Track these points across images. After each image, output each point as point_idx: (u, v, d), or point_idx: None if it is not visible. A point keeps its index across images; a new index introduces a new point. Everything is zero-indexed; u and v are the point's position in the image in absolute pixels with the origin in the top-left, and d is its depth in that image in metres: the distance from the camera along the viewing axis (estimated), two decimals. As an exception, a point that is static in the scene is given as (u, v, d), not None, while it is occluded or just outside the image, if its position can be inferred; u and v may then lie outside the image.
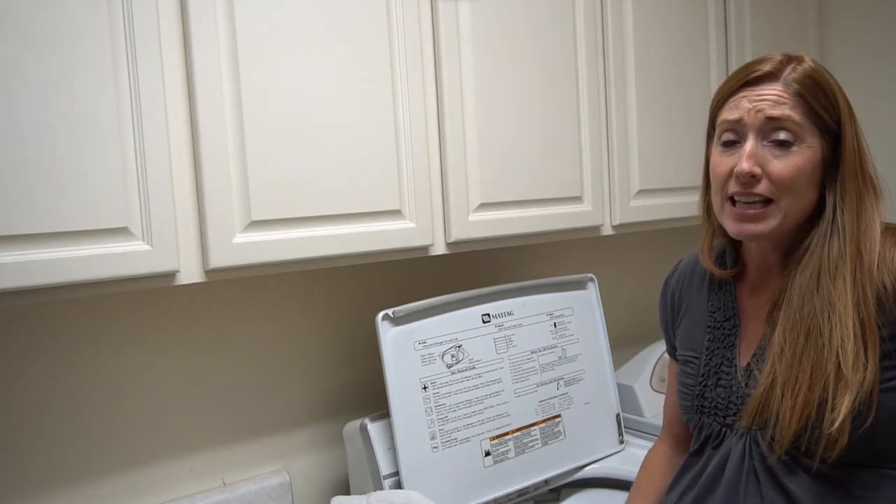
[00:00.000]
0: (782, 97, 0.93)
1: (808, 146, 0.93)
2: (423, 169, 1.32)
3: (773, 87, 0.94)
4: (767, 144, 0.93)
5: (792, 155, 0.93)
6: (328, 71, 1.21)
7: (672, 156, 1.72)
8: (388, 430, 1.38)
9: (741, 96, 0.95)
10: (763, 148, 0.93)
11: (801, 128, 0.92)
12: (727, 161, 0.96)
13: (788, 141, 0.93)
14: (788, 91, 0.93)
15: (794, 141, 0.93)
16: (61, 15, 0.97)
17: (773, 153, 0.93)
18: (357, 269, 1.56)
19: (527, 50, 1.46)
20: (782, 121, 0.92)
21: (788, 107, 0.92)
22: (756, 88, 0.94)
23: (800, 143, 0.93)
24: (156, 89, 1.05)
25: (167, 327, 1.37)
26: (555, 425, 1.58)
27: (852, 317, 0.89)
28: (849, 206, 0.93)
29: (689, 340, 1.10)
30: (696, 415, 1.05)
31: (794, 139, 0.93)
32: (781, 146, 0.93)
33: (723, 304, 1.06)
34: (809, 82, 0.94)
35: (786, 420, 0.89)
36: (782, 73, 0.94)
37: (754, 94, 0.94)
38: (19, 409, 1.23)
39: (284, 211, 1.17)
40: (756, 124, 0.93)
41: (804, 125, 0.93)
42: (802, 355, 0.90)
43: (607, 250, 2.01)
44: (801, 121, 0.92)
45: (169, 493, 1.37)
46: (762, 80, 0.95)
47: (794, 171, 0.92)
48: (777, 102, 0.93)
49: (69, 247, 0.98)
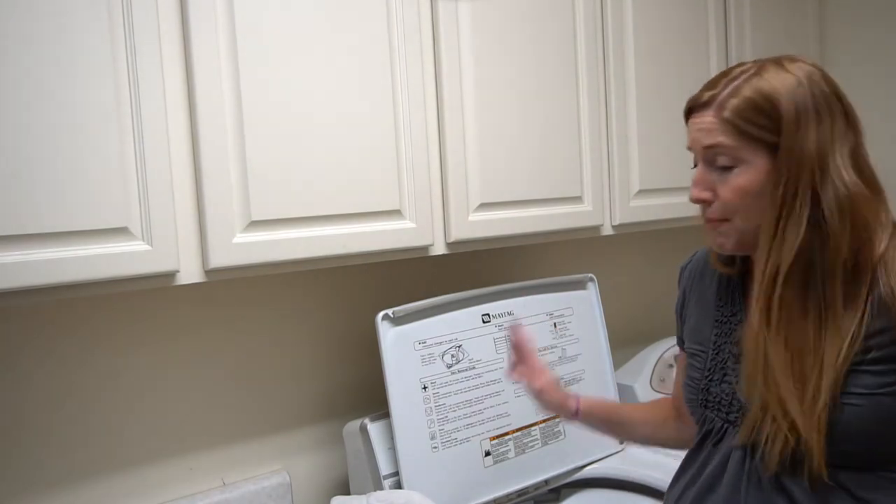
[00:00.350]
0: (713, 124, 0.95)
1: (751, 166, 0.94)
2: (422, 169, 1.32)
3: (706, 115, 0.96)
4: (714, 169, 0.97)
5: (734, 177, 0.95)
6: (328, 71, 1.21)
7: (672, 156, 1.72)
8: (388, 430, 1.38)
9: (690, 123, 0.99)
10: (712, 172, 0.97)
11: (736, 149, 0.94)
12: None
13: (727, 165, 0.95)
14: (718, 117, 0.95)
15: (732, 164, 0.95)
16: (61, 15, 0.97)
17: (718, 177, 0.96)
18: (357, 269, 1.55)
19: (527, 50, 1.46)
20: (715, 148, 0.95)
21: (718, 133, 0.94)
22: (696, 116, 0.97)
23: (740, 164, 0.94)
24: (156, 89, 1.05)
25: (167, 327, 1.37)
26: (555, 425, 1.58)
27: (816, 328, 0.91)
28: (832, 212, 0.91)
29: (697, 333, 1.10)
30: (700, 409, 1.05)
31: (733, 162, 0.95)
32: (722, 170, 0.95)
33: (731, 298, 1.06)
34: (742, 104, 0.93)
35: (774, 442, 0.91)
36: (718, 98, 0.95)
37: (695, 123, 0.98)
38: (18, 409, 1.23)
39: (284, 211, 1.17)
40: (700, 152, 0.98)
41: (740, 146, 0.94)
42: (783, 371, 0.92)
43: (607, 250, 2.01)
44: (735, 143, 0.94)
45: (169, 493, 1.37)
46: (699, 108, 0.97)
47: (739, 192, 0.95)
48: (709, 131, 0.95)
49: (69, 247, 0.98)
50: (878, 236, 0.92)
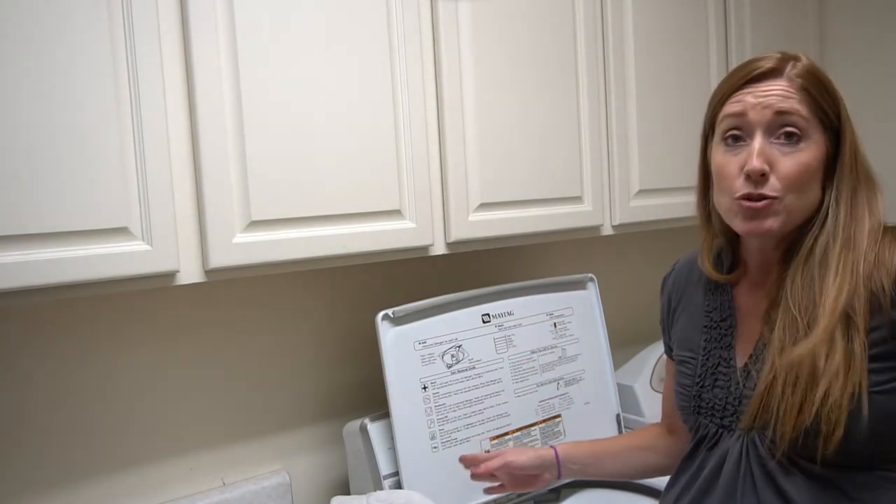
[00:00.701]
0: (788, 91, 0.93)
1: (814, 142, 0.93)
2: (423, 169, 1.32)
3: (778, 83, 0.94)
4: (775, 141, 0.93)
5: (800, 152, 0.93)
6: (328, 71, 1.21)
7: (672, 156, 1.72)
8: (388, 430, 1.38)
9: (745, 92, 0.95)
10: (770, 145, 0.93)
11: (807, 123, 0.93)
12: (734, 161, 0.95)
13: (797, 135, 0.92)
14: (794, 86, 0.93)
15: (801, 136, 0.93)
16: (61, 15, 0.97)
17: (781, 150, 0.93)
18: (357, 269, 1.56)
19: (526, 50, 1.46)
20: (791, 115, 0.92)
21: (796, 101, 0.92)
22: (760, 85, 0.94)
23: (807, 139, 0.93)
24: (156, 89, 1.05)
25: (167, 327, 1.37)
26: (555, 425, 1.58)
27: (839, 314, 0.89)
28: (843, 204, 0.94)
29: (686, 340, 1.10)
30: (693, 416, 1.05)
31: (802, 134, 0.93)
32: (789, 142, 0.92)
33: (719, 303, 1.06)
34: (812, 78, 0.94)
35: (786, 417, 0.89)
36: (785, 70, 0.94)
37: (759, 90, 0.94)
38: (18, 409, 1.23)
39: (284, 211, 1.17)
40: (763, 121, 0.93)
41: (810, 120, 0.93)
42: (803, 350, 0.90)
43: (607, 250, 2.01)
44: (808, 115, 0.93)
45: (169, 493, 1.37)
46: (765, 76, 0.94)
47: (802, 168, 0.92)
48: (784, 97, 0.93)
49: (69, 247, 0.98)
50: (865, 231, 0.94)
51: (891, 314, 0.89)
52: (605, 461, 1.23)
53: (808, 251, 0.94)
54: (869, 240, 0.92)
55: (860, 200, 0.95)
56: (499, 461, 1.19)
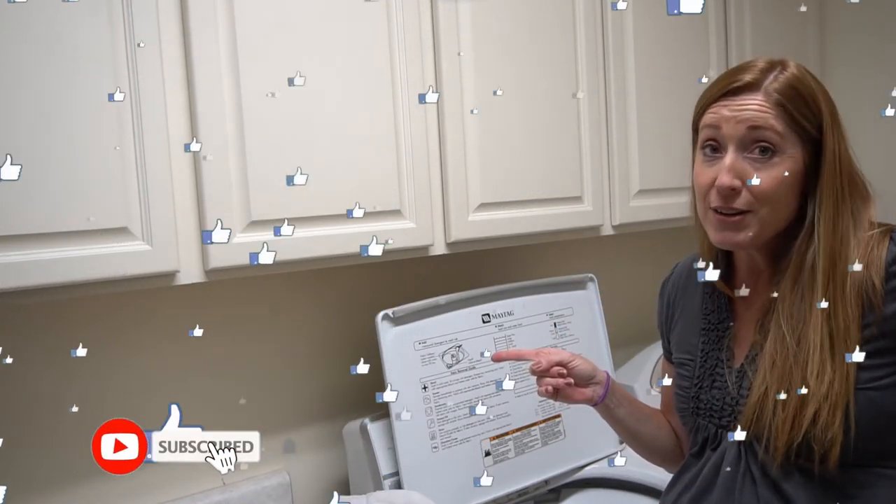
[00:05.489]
0: (763, 106, 0.92)
1: (789, 156, 0.93)
2: (423, 169, 1.32)
3: (754, 97, 0.93)
4: (748, 156, 0.93)
5: (773, 167, 0.92)
6: (328, 71, 1.21)
7: (672, 156, 1.71)
8: (388, 430, 1.38)
9: (722, 105, 0.95)
10: (743, 160, 0.93)
11: (782, 137, 0.92)
12: (708, 172, 0.96)
13: (770, 149, 0.92)
14: (770, 101, 0.92)
15: (775, 151, 0.92)
16: (61, 15, 0.97)
17: (753, 164, 0.92)
18: (357, 269, 1.55)
19: (527, 50, 1.46)
20: (764, 130, 0.92)
21: (771, 116, 0.92)
22: (737, 98, 0.93)
23: (781, 154, 0.92)
24: (156, 89, 1.05)
25: (167, 327, 1.37)
26: (555, 425, 1.58)
27: (821, 328, 0.90)
28: (825, 216, 0.93)
29: (684, 343, 1.10)
30: (692, 417, 1.05)
31: (775, 149, 0.92)
32: (763, 156, 0.92)
33: (717, 306, 1.06)
34: (791, 91, 0.93)
35: (779, 432, 0.91)
36: (763, 83, 0.93)
37: (735, 104, 0.93)
38: (16, 409, 1.23)
39: (284, 211, 1.17)
40: (737, 135, 0.93)
41: (785, 135, 0.92)
42: (793, 366, 0.91)
43: (607, 250, 2.01)
44: (783, 130, 0.92)
45: (169, 493, 1.37)
46: (742, 90, 0.94)
47: (775, 182, 0.92)
48: (759, 112, 0.92)
49: (69, 247, 0.98)
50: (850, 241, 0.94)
51: (882, 311, 0.90)
52: (637, 413, 1.17)
53: (798, 268, 0.94)
54: (856, 248, 0.92)
55: (844, 210, 0.94)
56: (559, 356, 1.07)
